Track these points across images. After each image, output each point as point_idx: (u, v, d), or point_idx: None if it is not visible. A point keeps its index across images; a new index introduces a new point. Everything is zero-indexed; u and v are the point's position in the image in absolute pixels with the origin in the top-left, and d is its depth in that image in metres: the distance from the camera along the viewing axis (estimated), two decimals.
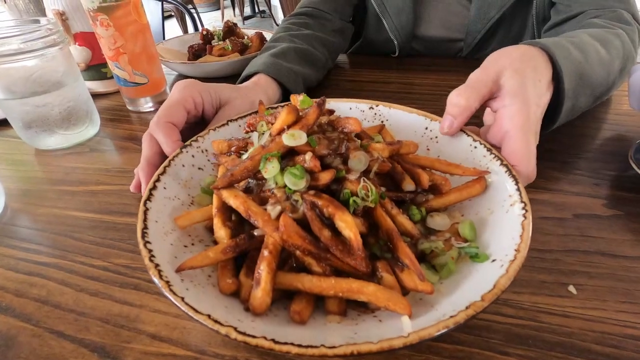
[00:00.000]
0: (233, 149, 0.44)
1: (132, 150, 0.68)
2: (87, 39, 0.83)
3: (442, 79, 0.89)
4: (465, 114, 0.44)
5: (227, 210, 0.36)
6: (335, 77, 0.93)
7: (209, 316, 0.27)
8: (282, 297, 0.33)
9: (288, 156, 0.37)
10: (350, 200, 0.34)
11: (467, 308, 0.27)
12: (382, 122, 0.54)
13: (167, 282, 0.29)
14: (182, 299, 0.28)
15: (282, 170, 0.35)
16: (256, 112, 0.53)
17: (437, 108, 0.52)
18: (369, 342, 0.26)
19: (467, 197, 0.41)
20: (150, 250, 0.32)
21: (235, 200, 0.35)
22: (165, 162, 0.42)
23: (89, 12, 0.70)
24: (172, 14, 4.12)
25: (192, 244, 0.37)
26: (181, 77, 0.98)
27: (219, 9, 5.81)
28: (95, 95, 0.87)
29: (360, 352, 0.25)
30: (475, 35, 0.92)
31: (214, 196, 0.37)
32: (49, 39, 0.63)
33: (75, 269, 0.44)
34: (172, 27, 4.31)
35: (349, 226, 0.31)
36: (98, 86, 0.89)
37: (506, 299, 0.37)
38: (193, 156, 0.45)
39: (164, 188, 0.39)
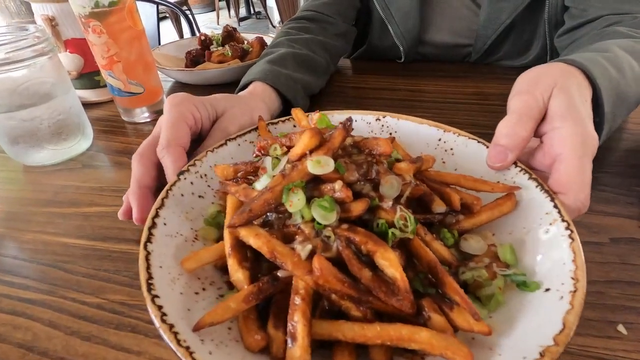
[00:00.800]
0: (240, 174, 0.39)
1: (127, 166, 0.63)
2: (79, 46, 0.78)
3: (452, 85, 0.85)
4: (522, 146, 0.38)
5: (242, 248, 0.32)
6: (339, 83, 0.90)
7: None
8: (317, 346, 0.29)
9: (311, 184, 0.33)
10: (389, 233, 0.31)
11: (541, 356, 0.24)
12: (390, 134, 0.50)
13: (187, 347, 0.25)
14: None
15: (308, 202, 0.31)
16: (256, 129, 0.49)
17: (449, 117, 0.48)
18: None
19: (499, 216, 0.38)
20: (160, 307, 0.27)
21: (256, 240, 0.30)
22: (163, 193, 0.37)
23: (80, 18, 0.65)
24: (167, 15, 4.07)
25: (203, 289, 0.32)
26: (179, 85, 0.94)
27: (214, 10, 5.76)
28: (88, 105, 0.82)
29: None
30: (486, 40, 0.88)
31: (227, 233, 0.32)
32: (37, 48, 0.58)
33: (66, 307, 0.39)
34: (167, 29, 4.25)
35: (394, 265, 0.28)
36: (91, 95, 0.85)
37: None
38: (192, 183, 0.40)
39: (164, 224, 0.34)
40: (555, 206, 0.34)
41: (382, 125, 0.51)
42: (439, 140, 0.47)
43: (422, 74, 0.93)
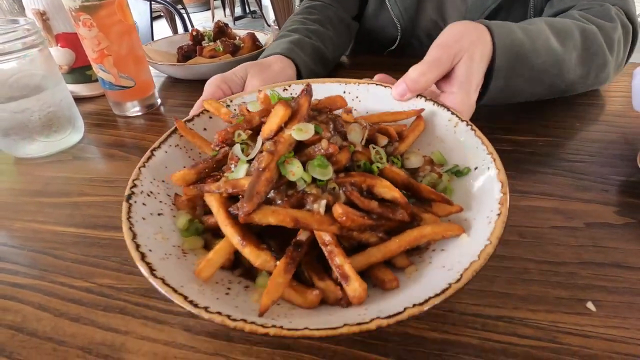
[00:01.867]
0: (202, 174, 0.40)
1: (117, 158, 0.64)
2: (70, 40, 0.79)
3: None
4: (419, 91, 0.48)
5: (251, 235, 0.33)
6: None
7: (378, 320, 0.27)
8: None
9: (296, 153, 0.36)
10: (374, 167, 0.38)
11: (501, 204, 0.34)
12: (353, 99, 0.55)
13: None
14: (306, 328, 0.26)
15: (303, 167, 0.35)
16: (176, 131, 0.46)
17: None
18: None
19: (419, 134, 0.47)
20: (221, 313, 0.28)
21: (276, 216, 0.32)
22: (124, 226, 0.34)
23: (70, 12, 0.66)
24: (162, 14, 4.06)
25: (229, 289, 0.33)
26: (171, 79, 0.94)
27: (209, 9, 5.74)
28: (80, 99, 0.83)
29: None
30: None
31: (231, 227, 0.33)
32: (27, 40, 0.59)
33: (55, 290, 0.40)
34: (162, 28, 4.24)
35: (391, 189, 0.35)
36: (82, 89, 0.85)
37: (522, 317, 0.35)
38: (144, 204, 0.38)
39: (164, 257, 0.34)
40: (453, 113, 0.46)
41: (291, 93, 0.54)
42: (344, 92, 0.53)
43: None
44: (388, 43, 1.00)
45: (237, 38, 1.02)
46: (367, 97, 0.53)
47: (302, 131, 0.35)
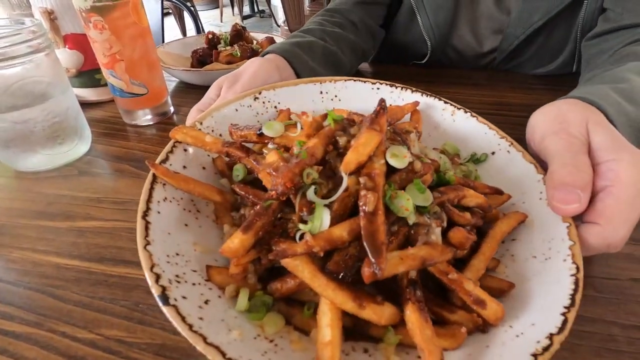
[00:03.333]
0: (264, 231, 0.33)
1: (127, 174, 0.58)
2: (79, 42, 0.73)
3: (473, 93, 0.81)
4: (591, 185, 0.34)
5: (359, 290, 0.30)
6: None
7: None
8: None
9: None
10: (450, 177, 0.38)
11: None
12: (275, 107, 0.50)
13: None
14: None
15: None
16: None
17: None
18: None
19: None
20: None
21: (405, 263, 0.29)
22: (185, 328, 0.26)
23: (80, 13, 0.60)
24: (170, 11, 4.00)
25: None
26: (183, 85, 0.88)
27: (217, 7, 5.70)
28: (87, 105, 0.77)
29: None
30: (513, 40, 0.83)
31: (340, 291, 0.29)
32: (33, 44, 0.53)
33: (54, 343, 0.34)
34: (170, 26, 4.19)
35: (476, 196, 0.37)
36: (90, 94, 0.79)
37: None
38: (185, 297, 0.29)
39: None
40: (446, 102, 0.50)
41: (264, 102, 0.50)
42: (321, 92, 0.51)
43: (442, 80, 0.88)
44: (416, 58, 0.95)
45: (255, 42, 0.96)
46: (348, 96, 0.51)
47: (398, 157, 0.32)
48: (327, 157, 0.34)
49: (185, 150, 0.42)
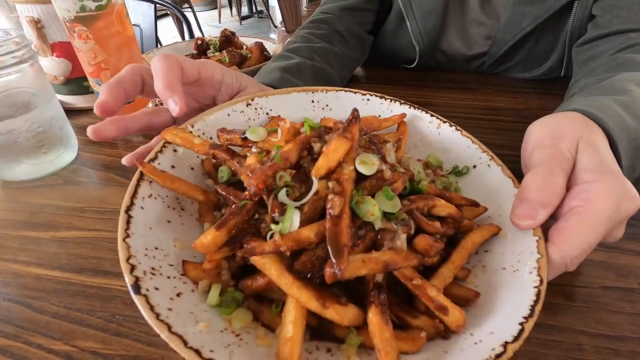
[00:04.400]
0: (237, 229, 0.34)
1: (113, 183, 0.59)
2: (67, 50, 0.74)
3: (462, 97, 0.81)
4: (556, 203, 0.34)
5: (324, 291, 0.30)
6: None
7: None
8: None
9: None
10: (423, 187, 0.39)
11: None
12: (267, 114, 0.50)
13: None
14: None
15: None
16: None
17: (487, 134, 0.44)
18: None
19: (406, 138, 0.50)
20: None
21: (367, 266, 0.30)
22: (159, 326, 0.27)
23: (65, 23, 0.61)
24: (168, 12, 4.01)
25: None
26: None
27: (215, 8, 5.70)
28: (75, 112, 0.78)
29: None
30: (502, 45, 0.84)
31: (304, 290, 0.29)
32: (16, 55, 0.53)
33: (30, 355, 0.35)
34: (168, 26, 4.21)
35: (447, 206, 0.37)
36: (78, 101, 0.80)
37: None
38: (157, 289, 0.29)
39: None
40: (432, 115, 0.51)
41: (256, 109, 0.49)
42: (312, 101, 0.51)
43: (431, 85, 0.89)
44: (406, 62, 0.95)
45: (244, 48, 0.97)
46: (339, 106, 0.51)
47: (367, 164, 0.33)
48: (301, 162, 0.35)
49: (175, 150, 0.43)
